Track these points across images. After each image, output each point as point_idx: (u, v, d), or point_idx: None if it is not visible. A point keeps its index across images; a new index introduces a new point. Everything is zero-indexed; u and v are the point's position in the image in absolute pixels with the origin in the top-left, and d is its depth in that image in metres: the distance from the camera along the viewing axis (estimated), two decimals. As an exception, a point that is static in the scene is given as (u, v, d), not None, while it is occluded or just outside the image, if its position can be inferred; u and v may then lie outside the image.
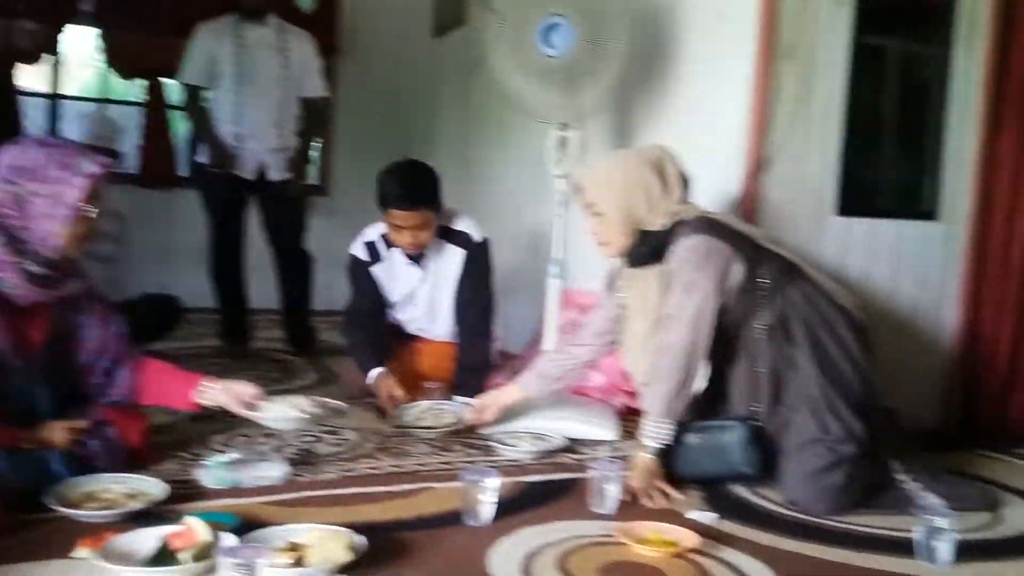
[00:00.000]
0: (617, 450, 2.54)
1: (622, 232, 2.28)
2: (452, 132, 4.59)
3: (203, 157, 3.75)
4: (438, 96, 4.83)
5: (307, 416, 2.31)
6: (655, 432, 2.19)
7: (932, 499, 2.08)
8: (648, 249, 2.27)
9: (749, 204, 2.71)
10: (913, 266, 3.00)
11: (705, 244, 2.19)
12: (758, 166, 2.72)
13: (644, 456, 2.19)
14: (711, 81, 2.90)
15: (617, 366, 3.01)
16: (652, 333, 2.27)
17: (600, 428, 2.69)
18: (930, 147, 2.98)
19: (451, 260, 2.93)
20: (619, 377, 3.01)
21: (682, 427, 2.23)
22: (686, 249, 2.20)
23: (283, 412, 2.30)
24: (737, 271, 2.21)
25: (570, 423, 2.67)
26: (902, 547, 1.86)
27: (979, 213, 3.01)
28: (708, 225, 2.22)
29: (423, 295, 2.99)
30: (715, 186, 2.71)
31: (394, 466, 2.30)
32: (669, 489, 2.12)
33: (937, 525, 1.79)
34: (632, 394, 2.99)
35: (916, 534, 1.82)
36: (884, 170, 2.97)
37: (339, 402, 2.50)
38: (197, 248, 3.91)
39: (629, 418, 2.92)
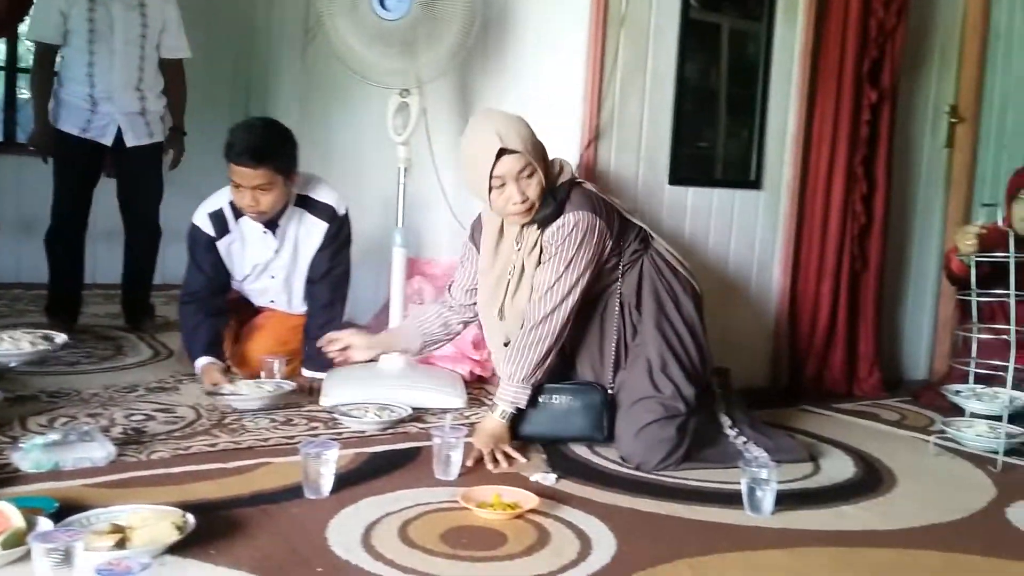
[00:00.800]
0: (463, 417, 2.55)
1: (542, 192, 2.23)
2: (292, 96, 4.43)
3: (59, 122, 3.48)
4: (277, 59, 4.66)
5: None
6: (513, 397, 2.23)
7: (757, 452, 2.22)
8: (553, 209, 2.23)
9: (587, 173, 2.75)
10: (741, 234, 3.15)
11: (587, 222, 2.23)
12: (595, 135, 2.77)
13: (494, 419, 2.22)
14: (548, 49, 2.93)
15: (464, 333, 3.03)
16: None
17: (447, 396, 2.69)
18: (755, 120, 3.13)
19: (311, 231, 2.82)
20: (467, 346, 3.03)
21: (536, 390, 2.27)
22: (571, 225, 2.22)
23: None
24: (607, 246, 2.28)
25: (416, 392, 2.66)
26: (729, 498, 1.96)
27: (799, 183, 3.20)
28: (590, 200, 2.26)
29: (279, 267, 2.88)
30: (554, 154, 2.74)
31: (231, 443, 2.22)
32: (513, 453, 2.16)
33: (761, 476, 1.90)
34: (481, 363, 3.02)
35: (741, 485, 1.92)
36: (714, 141, 3.09)
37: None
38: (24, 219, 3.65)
39: (476, 386, 2.94)
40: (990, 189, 3.59)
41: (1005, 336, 2.38)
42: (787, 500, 1.97)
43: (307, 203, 2.81)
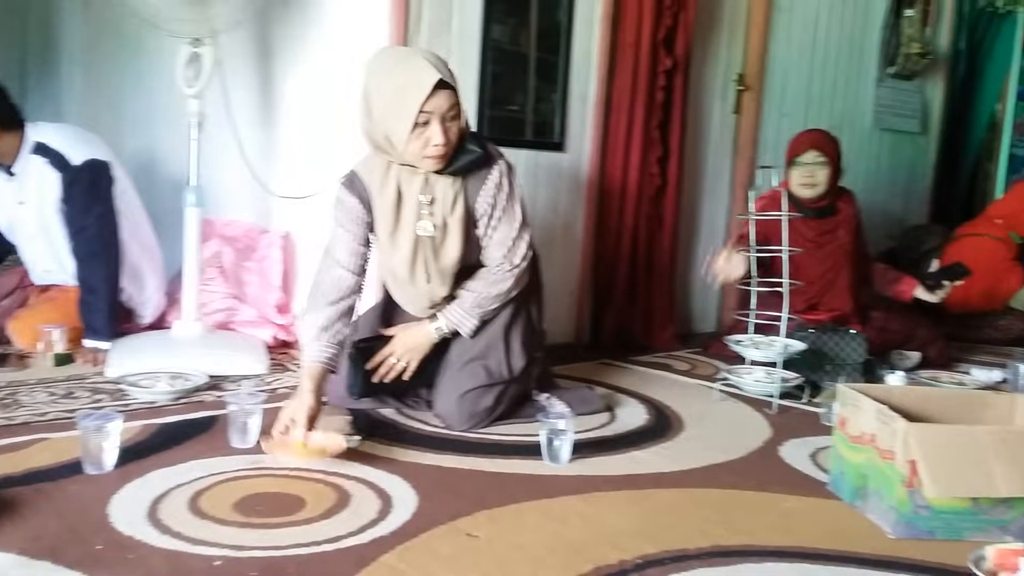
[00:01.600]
0: (264, 384, 2.47)
1: (461, 137, 2.06)
2: (76, 43, 4.08)
3: None
4: (57, 5, 4.25)
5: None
6: (460, 320, 2.20)
7: (559, 405, 2.29)
8: (479, 156, 2.09)
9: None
10: (547, 195, 3.22)
11: (511, 175, 2.19)
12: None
13: (426, 331, 2.21)
14: (350, 4, 2.84)
15: (267, 297, 2.93)
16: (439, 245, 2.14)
17: (247, 362, 2.60)
18: (559, 84, 3.19)
19: (46, 180, 2.68)
20: (271, 310, 2.93)
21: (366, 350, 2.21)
22: (506, 171, 2.16)
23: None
24: None
25: (213, 359, 2.55)
26: (529, 450, 2.01)
27: (600, 146, 3.30)
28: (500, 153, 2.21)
29: (32, 222, 2.70)
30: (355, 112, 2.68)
31: (3, 419, 2.04)
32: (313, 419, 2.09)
33: (558, 428, 1.96)
34: (285, 327, 2.93)
35: (540, 437, 1.97)
36: (523, 104, 3.12)
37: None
38: None
39: (280, 351, 2.86)
40: (772, 153, 3.86)
41: (778, 288, 2.58)
42: (584, 449, 2.05)
43: (44, 151, 2.68)
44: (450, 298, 2.22)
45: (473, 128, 2.36)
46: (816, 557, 1.55)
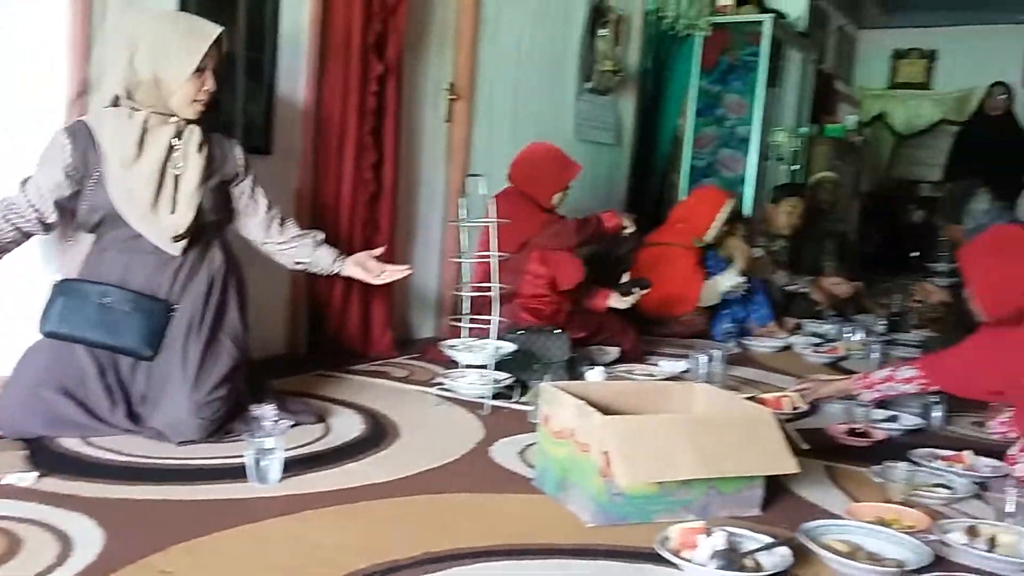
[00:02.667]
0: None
1: None
2: None
3: None
4: None
5: None
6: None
7: (269, 420, 2.20)
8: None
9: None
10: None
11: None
12: (84, 88, 2.49)
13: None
14: None
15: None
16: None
17: None
18: (265, 85, 3.07)
19: None
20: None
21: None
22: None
23: None
24: None
25: None
26: (234, 472, 1.90)
27: (311, 151, 3.22)
28: None
29: None
30: (38, 106, 2.42)
31: None
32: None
33: (265, 446, 1.88)
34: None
35: (246, 457, 1.87)
36: (232, 106, 2.95)
37: None
38: None
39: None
40: (483, 161, 3.99)
41: (489, 293, 2.66)
42: (295, 466, 1.98)
43: None
44: (195, 229, 2.22)
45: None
46: (521, 553, 1.61)
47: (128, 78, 2.16)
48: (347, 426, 2.39)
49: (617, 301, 3.40)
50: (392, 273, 2.59)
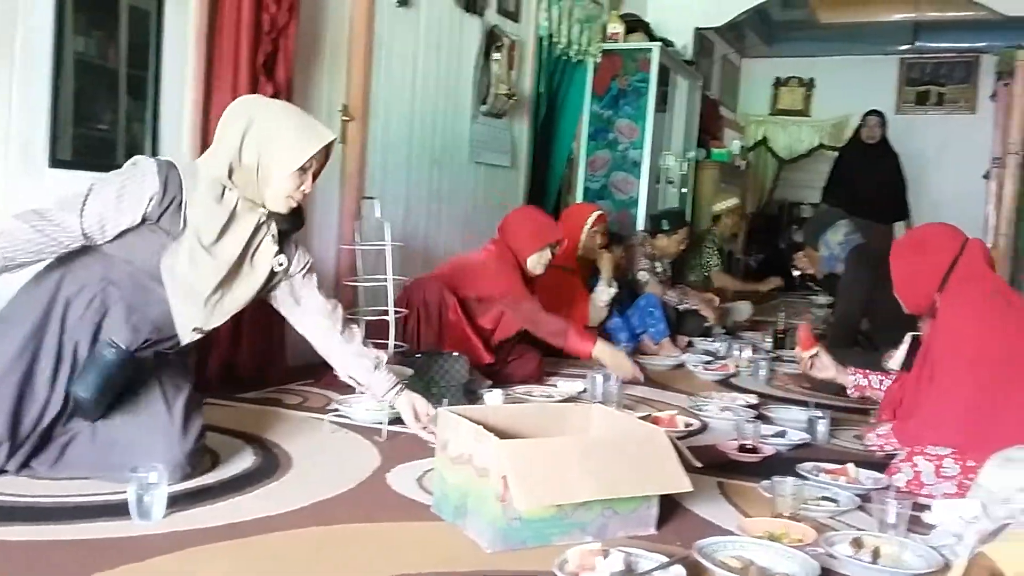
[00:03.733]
0: None
1: None
2: None
3: None
4: None
5: None
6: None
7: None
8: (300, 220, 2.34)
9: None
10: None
11: None
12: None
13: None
14: None
15: None
16: None
17: None
18: (149, 103, 2.96)
19: None
20: None
21: None
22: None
23: None
24: None
25: None
26: (116, 510, 1.81)
27: (199, 171, 3.12)
28: None
29: None
30: None
31: None
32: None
33: (148, 481, 1.79)
34: None
35: (128, 493, 1.78)
36: (114, 124, 2.84)
37: None
38: None
39: None
40: (379, 184, 3.95)
41: (386, 317, 2.63)
42: (182, 501, 1.89)
43: None
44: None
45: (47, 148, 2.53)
46: (418, 583, 1.58)
47: (233, 157, 2.09)
48: (237, 457, 2.30)
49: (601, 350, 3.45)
50: (429, 433, 2.38)
